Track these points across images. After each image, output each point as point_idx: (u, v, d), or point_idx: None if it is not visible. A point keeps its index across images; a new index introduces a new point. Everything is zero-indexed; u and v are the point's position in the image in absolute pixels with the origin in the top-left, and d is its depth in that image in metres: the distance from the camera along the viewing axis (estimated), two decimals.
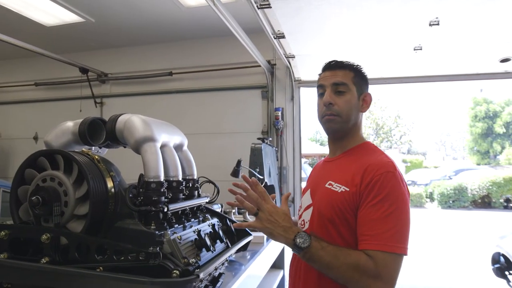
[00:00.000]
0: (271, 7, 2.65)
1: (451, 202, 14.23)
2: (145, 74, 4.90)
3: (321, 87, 1.24)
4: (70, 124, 1.31)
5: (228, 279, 1.82)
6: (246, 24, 3.11)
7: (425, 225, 10.87)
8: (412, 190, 15.53)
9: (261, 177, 3.44)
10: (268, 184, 3.69)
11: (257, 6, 2.61)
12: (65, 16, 4.00)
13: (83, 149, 1.23)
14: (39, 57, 4.33)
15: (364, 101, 1.25)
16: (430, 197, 15.30)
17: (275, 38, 3.26)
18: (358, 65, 1.28)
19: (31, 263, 0.98)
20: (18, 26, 4.10)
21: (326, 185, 1.16)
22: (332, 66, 1.26)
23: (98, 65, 4.95)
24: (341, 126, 1.22)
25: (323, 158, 1.40)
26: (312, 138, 33.04)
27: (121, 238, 1.05)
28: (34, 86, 5.33)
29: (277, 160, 4.36)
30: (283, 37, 3.25)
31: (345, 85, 1.21)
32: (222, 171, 3.38)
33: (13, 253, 1.03)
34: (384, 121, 32.10)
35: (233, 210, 2.55)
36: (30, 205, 1.03)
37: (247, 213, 2.36)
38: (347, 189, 1.10)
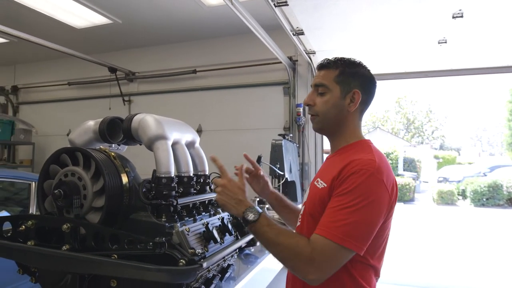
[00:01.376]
0: (288, 5, 2.68)
1: (484, 200, 13.64)
2: (170, 72, 5.05)
3: (311, 87, 1.27)
4: (91, 123, 1.41)
5: (242, 271, 1.89)
6: (267, 21, 3.14)
7: (455, 223, 10.53)
8: (443, 187, 15.04)
9: (281, 173, 3.48)
10: (289, 180, 3.72)
11: (274, 4, 2.65)
12: (94, 18, 4.19)
13: (101, 146, 1.32)
14: (71, 58, 4.58)
15: (353, 99, 1.20)
16: (463, 194, 14.74)
17: (294, 35, 3.28)
18: (348, 61, 1.23)
19: (54, 250, 1.08)
20: (51, 29, 4.34)
21: (314, 182, 1.19)
22: (318, 67, 1.26)
23: (126, 64, 5.15)
24: (321, 126, 1.24)
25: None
26: None
27: (135, 229, 1.14)
28: (67, 86, 5.63)
29: (299, 156, 4.38)
30: (302, 33, 3.26)
31: (324, 86, 1.21)
32: None
33: (39, 240, 1.14)
34: (415, 116, 31.21)
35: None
36: (53, 198, 1.13)
37: (266, 207, 2.42)
38: (325, 185, 1.12)
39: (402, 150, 19.79)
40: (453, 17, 2.78)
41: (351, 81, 1.20)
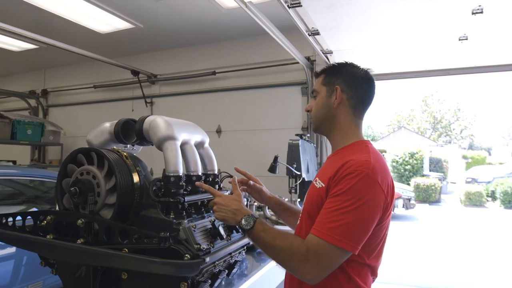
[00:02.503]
0: (301, 6, 2.69)
1: None
2: (190, 74, 5.16)
3: None
4: (107, 125, 1.49)
5: (254, 268, 1.93)
6: (284, 22, 3.16)
7: (483, 226, 10.16)
8: (471, 188, 14.54)
9: (298, 173, 3.50)
10: (306, 180, 3.73)
11: (287, 5, 2.67)
12: (117, 24, 4.35)
13: (114, 147, 1.39)
14: (96, 62, 4.77)
15: (336, 95, 1.25)
16: (492, 195, 14.19)
17: (310, 35, 3.29)
18: (334, 64, 1.32)
19: (70, 243, 1.16)
20: (77, 35, 4.54)
21: (314, 182, 1.23)
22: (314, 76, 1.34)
23: (148, 67, 5.30)
24: (316, 127, 1.33)
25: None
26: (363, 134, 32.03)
27: (145, 225, 1.21)
28: (93, 89, 5.85)
29: (317, 156, 4.37)
30: (318, 33, 3.26)
31: (315, 91, 1.32)
32: (264, 167, 3.49)
33: (57, 234, 1.22)
34: (442, 115, 30.25)
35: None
36: (69, 195, 1.21)
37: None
38: (323, 185, 1.15)
39: (428, 150, 19.25)
40: (473, 13, 2.71)
41: (334, 80, 1.27)
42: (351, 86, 1.25)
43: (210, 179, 1.50)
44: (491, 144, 32.36)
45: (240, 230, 1.41)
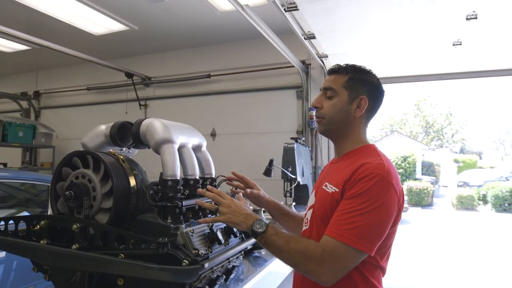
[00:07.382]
0: (298, 9, 2.70)
1: (506, 205, 13.25)
2: (185, 77, 5.13)
3: (320, 90, 1.30)
4: (103, 127, 1.46)
5: (250, 273, 1.91)
6: (280, 25, 3.17)
7: (475, 229, 10.25)
8: (463, 191, 14.69)
9: (293, 176, 3.49)
10: (301, 183, 3.72)
11: (284, 9, 2.68)
12: (112, 25, 4.32)
13: (111, 150, 1.37)
14: (90, 64, 4.73)
15: (359, 105, 1.23)
16: (483, 199, 14.36)
17: (305, 39, 3.30)
18: (357, 68, 1.26)
19: (64, 248, 1.13)
20: (71, 36, 4.49)
21: (323, 186, 1.20)
22: (329, 72, 1.29)
23: (142, 69, 5.27)
24: (327, 128, 1.26)
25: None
26: None
27: (142, 229, 1.18)
28: (86, 91, 5.80)
29: (311, 159, 4.37)
30: (314, 37, 3.27)
31: (333, 90, 1.24)
32: (258, 170, 3.47)
33: (51, 239, 1.19)
34: (434, 119, 30.61)
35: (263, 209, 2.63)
36: (64, 199, 1.18)
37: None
38: (336, 190, 1.14)
39: (420, 154, 19.43)
40: (467, 19, 2.74)
41: (359, 87, 1.23)
42: (373, 99, 1.25)
43: (208, 183, 1.48)
44: (482, 148, 32.79)
45: (237, 235, 1.40)
